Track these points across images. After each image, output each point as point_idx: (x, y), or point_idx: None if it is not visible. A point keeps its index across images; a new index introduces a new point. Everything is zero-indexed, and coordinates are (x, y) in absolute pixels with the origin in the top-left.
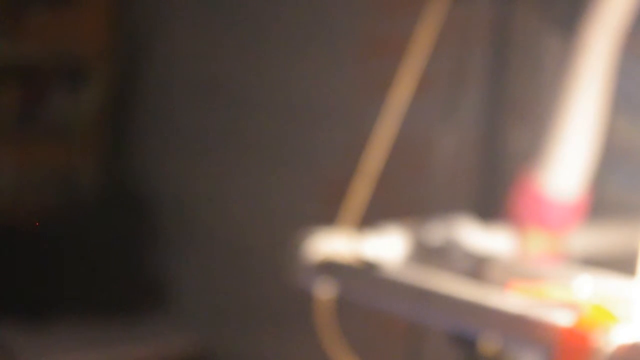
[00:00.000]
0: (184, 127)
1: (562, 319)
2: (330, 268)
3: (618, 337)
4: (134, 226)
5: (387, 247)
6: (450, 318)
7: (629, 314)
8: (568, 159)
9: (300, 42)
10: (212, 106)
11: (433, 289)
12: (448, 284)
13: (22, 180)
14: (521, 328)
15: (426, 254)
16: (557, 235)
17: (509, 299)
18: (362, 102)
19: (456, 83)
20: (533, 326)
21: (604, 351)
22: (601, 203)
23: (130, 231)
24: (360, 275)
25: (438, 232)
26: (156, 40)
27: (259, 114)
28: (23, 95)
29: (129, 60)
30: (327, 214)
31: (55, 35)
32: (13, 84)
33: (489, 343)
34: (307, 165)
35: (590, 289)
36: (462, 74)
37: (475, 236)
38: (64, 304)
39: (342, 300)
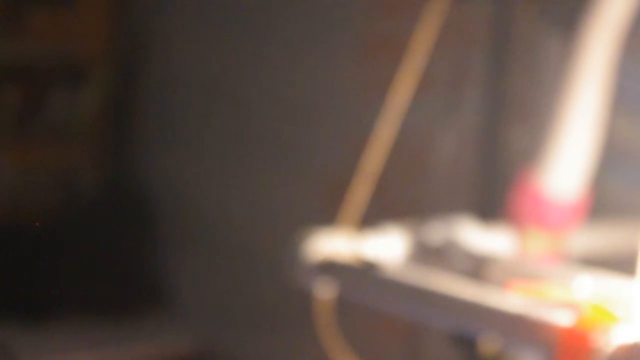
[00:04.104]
0: (184, 127)
1: (562, 319)
2: (330, 268)
3: (618, 337)
4: (134, 226)
5: (387, 247)
6: (450, 318)
7: (629, 314)
8: (568, 159)
9: (300, 42)
10: (212, 106)
11: (433, 289)
12: (448, 284)
13: (22, 180)
14: (521, 328)
15: (426, 254)
16: (557, 235)
17: (509, 299)
18: (362, 102)
19: (456, 83)
20: (533, 326)
21: (604, 351)
22: (601, 203)
23: (131, 231)
24: (360, 275)
25: (438, 232)
26: (156, 40)
27: (259, 114)
28: (23, 95)
29: (129, 60)
30: (327, 214)
31: (55, 35)
32: (13, 84)
33: (489, 343)
34: (307, 165)
35: (590, 289)
36: (462, 74)
37: (475, 236)
38: (64, 304)
39: (342, 300)
